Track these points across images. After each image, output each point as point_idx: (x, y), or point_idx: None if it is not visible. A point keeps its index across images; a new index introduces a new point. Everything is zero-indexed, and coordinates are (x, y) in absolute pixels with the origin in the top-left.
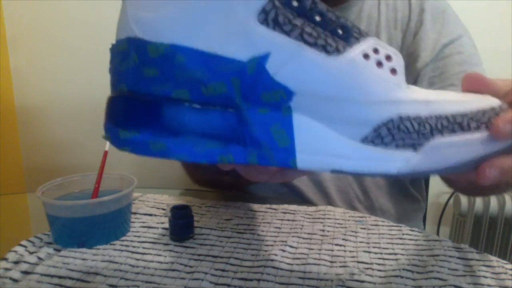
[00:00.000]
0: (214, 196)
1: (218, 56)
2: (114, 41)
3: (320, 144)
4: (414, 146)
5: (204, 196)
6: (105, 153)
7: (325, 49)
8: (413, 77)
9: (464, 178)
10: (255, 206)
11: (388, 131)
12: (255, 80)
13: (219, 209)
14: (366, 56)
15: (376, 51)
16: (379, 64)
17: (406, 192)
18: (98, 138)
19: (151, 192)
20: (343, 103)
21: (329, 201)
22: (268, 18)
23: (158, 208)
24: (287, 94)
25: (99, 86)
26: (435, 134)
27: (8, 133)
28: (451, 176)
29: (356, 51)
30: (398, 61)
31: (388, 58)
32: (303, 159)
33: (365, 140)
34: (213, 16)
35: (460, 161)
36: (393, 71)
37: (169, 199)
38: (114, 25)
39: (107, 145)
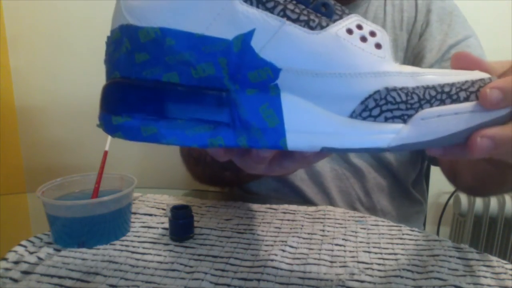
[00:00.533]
0: (214, 196)
1: (205, 36)
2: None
3: (308, 122)
4: (403, 118)
5: (204, 196)
6: (105, 153)
7: (308, 24)
8: None
9: (458, 152)
10: (255, 206)
11: (375, 102)
12: (241, 58)
13: (219, 209)
14: (349, 31)
15: (359, 27)
16: (363, 39)
17: (408, 194)
18: (98, 138)
19: (151, 192)
20: (329, 78)
21: (330, 202)
22: None
23: (158, 208)
24: (273, 71)
25: (99, 86)
26: (424, 104)
27: (8, 133)
28: (446, 154)
29: (339, 26)
30: (383, 37)
31: (372, 34)
32: (292, 139)
33: (353, 114)
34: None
35: (451, 132)
36: (378, 45)
37: (169, 199)
38: None
39: (107, 145)
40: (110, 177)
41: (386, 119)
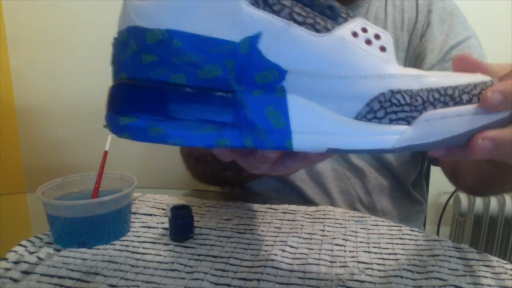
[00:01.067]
0: (214, 196)
1: (212, 38)
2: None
3: (314, 123)
4: (407, 120)
5: (204, 196)
6: (105, 153)
7: (314, 27)
8: None
9: (460, 153)
10: (255, 206)
11: (380, 104)
12: (248, 60)
13: (219, 209)
14: (354, 34)
15: (364, 30)
16: (368, 42)
17: (408, 194)
18: (98, 138)
19: (151, 192)
20: (334, 80)
21: (331, 202)
22: None
23: (158, 208)
24: (280, 73)
25: (99, 86)
26: (427, 106)
27: (8, 133)
28: (448, 156)
29: (344, 29)
30: (387, 40)
31: (377, 36)
32: (298, 140)
33: (358, 116)
34: (206, 0)
35: (454, 134)
36: (382, 48)
37: (169, 199)
38: (114, 25)
39: (107, 145)
40: (110, 177)
41: (391, 121)
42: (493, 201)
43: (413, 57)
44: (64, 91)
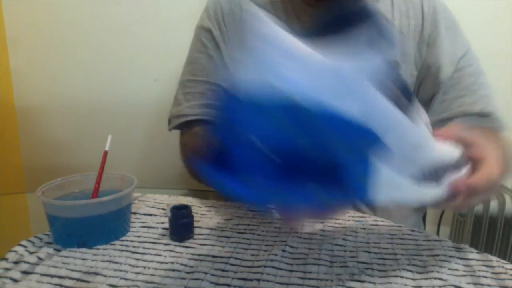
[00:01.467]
0: (214, 196)
1: (335, 111)
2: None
3: (387, 182)
4: (439, 180)
5: (204, 196)
6: (105, 153)
7: (400, 104)
8: (434, 89)
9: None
10: (255, 206)
11: (429, 171)
12: (359, 131)
13: (219, 209)
14: (427, 124)
15: (424, 117)
16: (427, 124)
17: None
18: (98, 138)
19: (151, 192)
20: (407, 151)
21: None
22: (376, 81)
23: (158, 208)
24: (378, 145)
25: (99, 87)
26: (450, 171)
27: (8, 133)
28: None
29: (422, 119)
30: (431, 130)
31: (426, 121)
32: (378, 195)
33: (416, 177)
34: (333, 78)
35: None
36: (428, 129)
37: (169, 199)
38: (114, 26)
39: (107, 145)
40: (110, 177)
41: (431, 180)
42: (493, 201)
43: (424, 66)
44: (64, 91)
